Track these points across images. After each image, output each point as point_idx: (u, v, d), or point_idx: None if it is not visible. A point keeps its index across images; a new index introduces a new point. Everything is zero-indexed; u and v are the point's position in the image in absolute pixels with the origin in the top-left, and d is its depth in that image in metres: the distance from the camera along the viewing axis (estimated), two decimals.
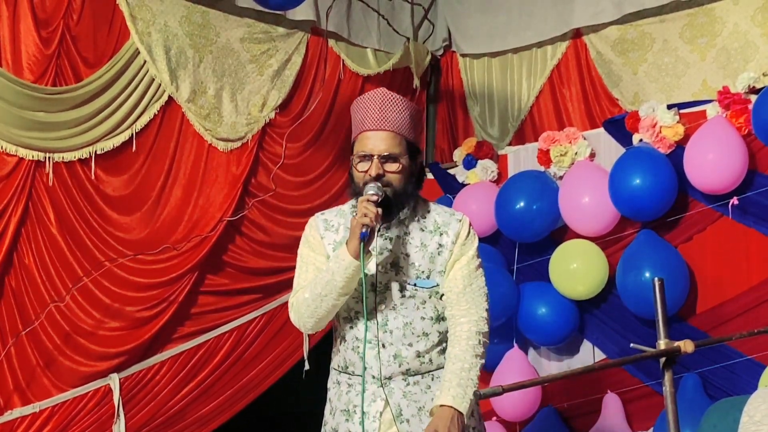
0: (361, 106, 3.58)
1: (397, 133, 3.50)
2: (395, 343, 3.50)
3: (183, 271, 5.54)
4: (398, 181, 3.50)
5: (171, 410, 5.57)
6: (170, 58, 5.51)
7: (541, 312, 5.81)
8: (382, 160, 3.48)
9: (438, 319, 3.57)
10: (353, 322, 3.57)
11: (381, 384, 3.50)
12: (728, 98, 5.34)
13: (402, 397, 3.49)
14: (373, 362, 3.51)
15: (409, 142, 3.54)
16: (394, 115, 3.51)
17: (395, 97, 3.58)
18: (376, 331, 3.51)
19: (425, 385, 3.53)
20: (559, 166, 5.98)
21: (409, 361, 3.50)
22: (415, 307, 3.53)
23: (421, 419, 3.47)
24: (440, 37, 7.12)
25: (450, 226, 3.60)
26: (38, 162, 5.04)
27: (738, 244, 5.43)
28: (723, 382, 5.25)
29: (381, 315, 3.53)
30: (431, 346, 3.54)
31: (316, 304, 3.51)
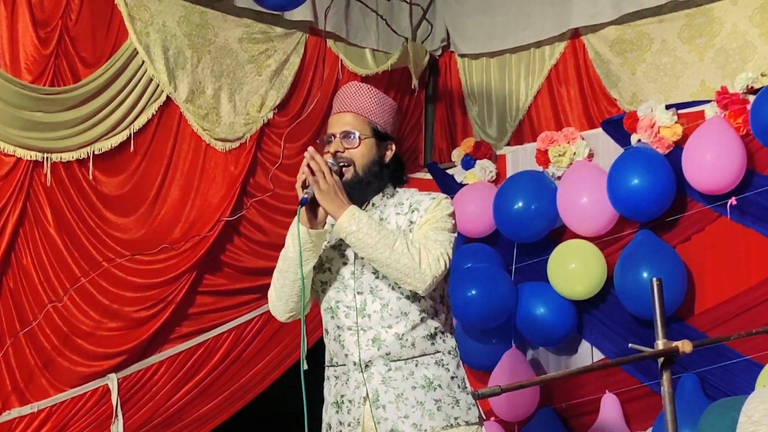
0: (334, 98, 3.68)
1: (359, 114, 3.55)
2: (374, 327, 3.47)
3: (181, 271, 5.53)
4: (360, 158, 3.52)
5: (169, 410, 5.57)
6: (168, 58, 5.51)
7: (539, 312, 5.81)
8: (341, 137, 3.53)
9: (416, 297, 3.49)
10: (334, 312, 3.56)
11: (361, 370, 3.48)
12: (726, 98, 5.34)
13: (381, 382, 3.45)
14: (353, 348, 3.49)
15: (376, 126, 3.57)
16: (359, 99, 3.58)
17: (365, 86, 3.64)
18: (355, 317, 3.50)
19: (408, 371, 3.46)
20: (558, 166, 5.98)
21: (389, 344, 3.45)
22: (390, 287, 3.48)
23: (398, 407, 3.43)
24: (438, 37, 7.11)
25: (422, 203, 3.56)
26: (36, 162, 5.04)
27: (736, 245, 5.43)
28: (721, 382, 5.25)
29: (359, 300, 3.51)
30: (412, 326, 3.47)
31: (280, 282, 3.56)
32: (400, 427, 3.41)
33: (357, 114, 3.56)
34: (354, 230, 3.33)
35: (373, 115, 3.58)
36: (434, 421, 3.42)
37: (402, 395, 3.44)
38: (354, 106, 3.57)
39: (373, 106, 3.59)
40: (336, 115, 3.58)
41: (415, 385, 3.46)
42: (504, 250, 6.17)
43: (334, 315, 3.55)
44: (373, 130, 3.56)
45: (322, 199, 3.36)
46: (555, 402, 5.98)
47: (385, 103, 3.63)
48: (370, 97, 3.60)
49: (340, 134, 3.53)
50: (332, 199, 3.36)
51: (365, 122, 3.55)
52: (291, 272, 3.50)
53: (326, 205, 3.37)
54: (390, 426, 3.42)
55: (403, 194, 3.63)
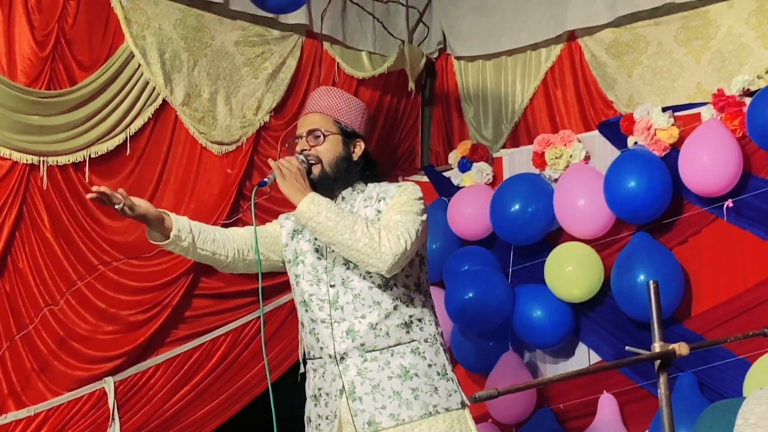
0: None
1: (324, 113, 3.66)
2: (347, 318, 3.49)
3: (177, 274, 5.53)
4: (326, 154, 3.61)
5: (166, 414, 5.56)
6: (165, 61, 5.51)
7: (536, 315, 5.81)
8: (307, 135, 3.63)
9: (388, 285, 3.51)
10: (308, 305, 3.57)
11: (337, 362, 3.48)
12: (723, 101, 5.34)
13: (356, 374, 3.46)
14: (328, 341, 3.50)
15: (341, 124, 3.66)
16: (325, 100, 3.69)
17: (333, 88, 3.80)
18: (329, 309, 3.52)
19: (384, 361, 3.47)
20: (554, 168, 5.98)
21: (363, 335, 3.46)
22: (361, 277, 3.50)
23: (375, 398, 3.43)
24: (435, 39, 7.11)
25: (389, 192, 3.59)
26: (32, 166, 5.04)
27: (733, 247, 5.43)
28: (718, 384, 5.25)
29: (332, 292, 3.53)
30: (385, 315, 3.48)
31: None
32: (377, 419, 3.42)
33: (322, 113, 3.66)
34: (313, 215, 3.40)
35: (338, 113, 3.67)
36: (412, 411, 3.43)
37: (378, 386, 3.46)
38: (319, 107, 3.68)
39: (338, 105, 3.68)
40: (303, 117, 3.70)
41: (391, 375, 3.47)
42: (501, 253, 6.17)
43: (308, 308, 3.58)
44: (339, 127, 3.65)
45: (283, 185, 3.50)
46: (552, 404, 5.98)
47: (351, 103, 3.73)
48: (336, 97, 3.71)
49: (306, 133, 3.64)
50: (293, 184, 3.49)
51: (330, 120, 3.65)
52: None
53: (287, 191, 3.50)
54: (367, 417, 3.43)
55: (373, 188, 3.67)
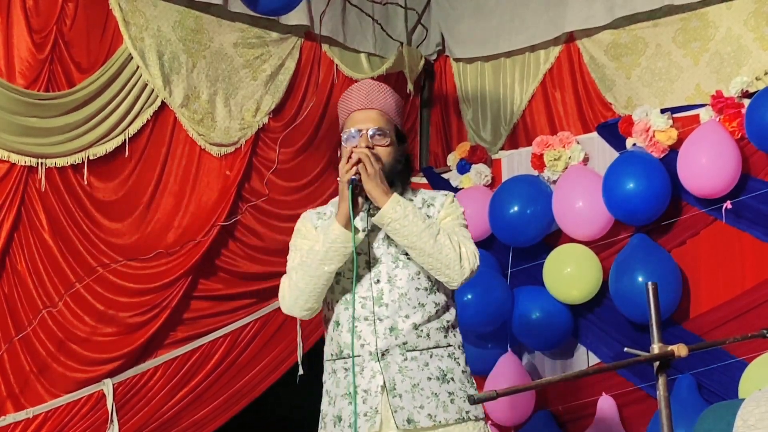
0: (349, 92, 3.68)
1: (384, 112, 3.59)
2: (391, 316, 3.48)
3: (176, 276, 5.53)
4: (387, 155, 3.55)
5: (165, 416, 5.56)
6: (163, 63, 5.51)
7: (535, 316, 5.81)
8: (370, 134, 3.55)
9: (433, 289, 3.55)
10: (349, 303, 3.54)
11: (378, 359, 3.48)
12: (721, 102, 5.35)
13: (397, 371, 3.46)
14: (370, 338, 3.49)
15: (396, 126, 3.63)
16: (380, 97, 3.62)
17: (381, 84, 3.71)
18: (372, 306, 3.50)
19: (423, 362, 3.49)
20: (553, 170, 5.98)
21: (406, 334, 3.48)
22: (409, 278, 3.52)
23: (414, 396, 3.44)
24: (434, 41, 7.11)
25: (436, 199, 3.66)
26: (30, 167, 5.03)
27: (731, 248, 5.43)
28: (717, 385, 5.25)
29: (376, 289, 3.52)
30: (428, 318, 3.51)
31: (298, 276, 3.53)
32: (415, 417, 3.44)
33: (382, 112, 3.60)
34: (399, 216, 3.39)
35: (395, 114, 3.64)
36: (448, 414, 3.47)
37: (418, 385, 3.47)
38: (379, 104, 3.61)
39: (394, 106, 3.65)
40: (361, 111, 3.59)
41: (430, 376, 3.50)
42: (499, 255, 6.17)
43: (349, 306, 3.54)
44: (395, 128, 3.63)
45: (368, 182, 3.40)
46: (551, 405, 5.98)
47: (401, 104, 3.71)
48: (390, 96, 3.66)
49: (368, 131, 3.55)
50: (377, 184, 3.41)
51: (390, 121, 3.61)
52: (312, 267, 3.49)
53: (372, 190, 3.41)
54: (406, 415, 3.43)
55: (411, 192, 3.69)
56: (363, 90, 3.64)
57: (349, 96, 3.67)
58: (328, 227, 3.46)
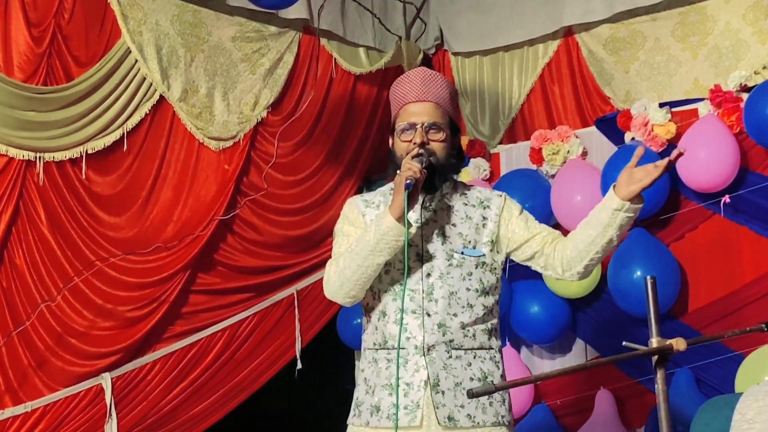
0: (403, 81, 3.65)
1: (439, 105, 3.57)
2: (440, 313, 3.48)
3: (174, 270, 5.52)
4: (442, 150, 3.56)
5: (163, 409, 5.56)
6: (162, 57, 5.50)
7: (533, 310, 5.81)
8: (426, 129, 3.53)
9: (483, 292, 3.56)
10: (397, 294, 3.53)
11: (423, 353, 3.47)
12: (720, 96, 5.35)
13: (442, 368, 3.46)
14: (417, 331, 3.47)
15: (450, 117, 3.62)
16: (436, 88, 3.59)
17: (436, 74, 3.67)
18: (421, 300, 3.50)
19: (467, 361, 3.50)
20: (552, 164, 5.98)
21: (453, 332, 3.48)
22: (461, 277, 3.52)
23: (456, 395, 3.44)
24: (432, 35, 7.11)
25: (492, 201, 3.70)
26: (29, 162, 5.03)
27: (730, 242, 5.44)
28: (716, 379, 5.26)
29: (426, 283, 3.51)
30: (475, 319, 3.52)
31: (346, 264, 3.50)
32: (455, 416, 3.44)
33: (438, 105, 3.58)
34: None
35: (449, 106, 3.62)
36: (486, 416, 3.49)
37: (460, 384, 3.48)
38: (434, 96, 3.59)
39: (449, 96, 3.63)
40: (417, 104, 3.57)
41: (473, 377, 3.51)
42: None
43: (397, 297, 3.53)
44: (450, 121, 3.61)
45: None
46: (549, 399, 5.98)
47: (455, 94, 3.69)
48: (444, 86, 3.63)
49: (423, 126, 3.54)
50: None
51: (445, 114, 3.59)
52: (361, 257, 3.46)
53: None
54: (447, 413, 3.44)
55: (460, 185, 3.72)
56: (417, 80, 3.61)
57: (403, 85, 3.64)
58: (381, 218, 3.44)
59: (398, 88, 3.65)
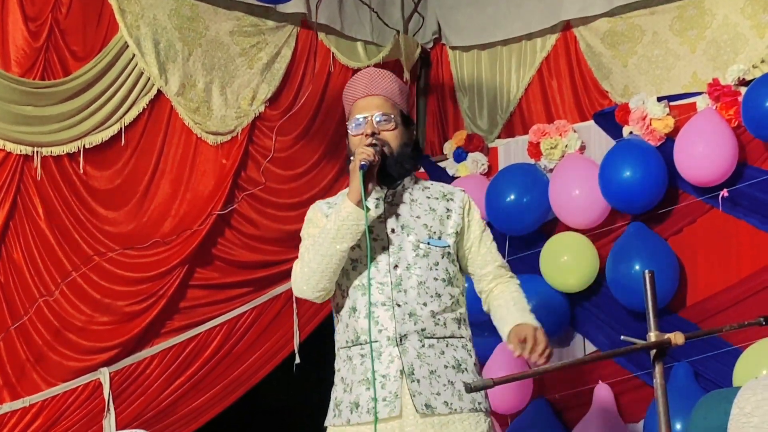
0: (352, 81, 3.76)
1: (387, 98, 3.65)
2: (410, 303, 3.51)
3: (172, 265, 5.52)
4: (394, 140, 3.62)
5: (161, 404, 5.56)
6: (159, 51, 5.50)
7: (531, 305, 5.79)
8: (376, 120, 3.61)
9: (450, 281, 3.60)
10: (366, 288, 3.55)
11: (396, 344, 3.48)
12: (718, 90, 5.35)
13: (416, 357, 3.48)
14: (388, 323, 3.50)
15: (400, 110, 3.69)
16: (383, 82, 3.68)
17: (384, 71, 3.78)
18: (390, 292, 3.52)
19: (440, 350, 3.53)
20: (550, 158, 5.98)
21: (424, 320, 3.51)
22: (428, 267, 3.56)
23: (431, 383, 3.46)
24: (430, 30, 7.10)
25: (456, 194, 3.74)
26: (26, 156, 5.02)
27: (728, 236, 5.44)
28: (714, 373, 5.26)
29: (394, 275, 3.54)
30: (444, 308, 3.56)
31: (311, 257, 3.54)
32: (432, 403, 3.46)
33: (386, 97, 3.66)
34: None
35: (398, 99, 3.70)
36: (463, 403, 3.51)
37: (435, 372, 3.50)
38: (382, 90, 3.67)
39: (397, 90, 3.70)
40: (365, 99, 3.65)
41: (446, 365, 3.54)
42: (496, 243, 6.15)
43: (366, 291, 3.55)
44: (400, 113, 3.68)
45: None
46: (548, 394, 5.99)
47: (404, 89, 3.77)
48: (392, 81, 3.72)
49: (374, 117, 3.62)
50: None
51: (394, 106, 3.67)
52: (324, 246, 3.51)
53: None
54: (424, 400, 3.45)
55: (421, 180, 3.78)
56: (365, 77, 3.71)
57: (352, 85, 3.73)
58: (341, 205, 3.50)
59: (348, 89, 3.75)
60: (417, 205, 3.66)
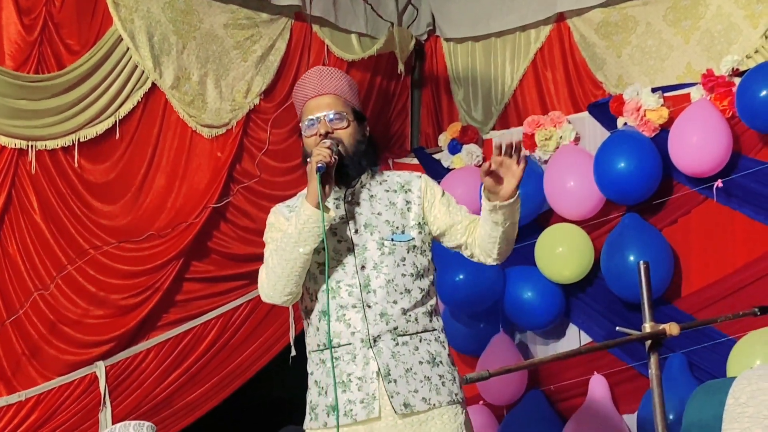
0: (301, 82, 3.75)
1: (338, 96, 3.64)
2: (380, 302, 3.50)
3: (168, 258, 5.52)
4: (348, 137, 3.61)
5: (158, 397, 5.56)
6: (153, 44, 5.49)
7: (527, 296, 5.82)
8: (328, 120, 3.60)
9: (418, 275, 3.58)
10: (335, 292, 3.54)
11: (370, 345, 3.48)
12: (712, 81, 5.35)
13: (390, 357, 3.47)
14: (360, 325, 3.49)
15: (352, 107, 3.68)
16: (332, 81, 3.67)
17: (332, 68, 3.79)
18: (359, 294, 3.51)
19: (413, 346, 3.51)
20: (544, 150, 5.98)
21: (396, 319, 3.49)
22: (395, 264, 3.54)
23: (408, 381, 3.46)
24: (424, 21, 7.09)
25: (413, 183, 3.70)
26: (21, 150, 5.02)
27: (722, 227, 5.45)
28: (708, 364, 5.27)
29: (362, 276, 3.53)
30: (415, 303, 3.54)
31: (275, 262, 3.52)
32: (410, 401, 3.46)
33: (336, 96, 3.65)
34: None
35: (349, 96, 3.69)
36: (441, 396, 3.51)
37: (410, 370, 3.50)
38: (332, 88, 3.65)
39: (347, 87, 3.70)
40: (316, 98, 3.64)
41: (421, 360, 3.53)
42: None
43: (336, 295, 3.54)
44: (352, 110, 3.67)
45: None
46: (543, 385, 5.99)
47: (354, 85, 3.76)
48: (343, 78, 3.72)
49: (326, 116, 3.60)
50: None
51: (346, 104, 3.65)
52: (287, 251, 3.49)
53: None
54: (402, 400, 3.45)
55: (378, 173, 3.74)
56: (314, 77, 3.69)
57: (302, 85, 3.72)
58: (300, 209, 3.48)
59: (298, 89, 3.74)
60: (377, 202, 3.64)
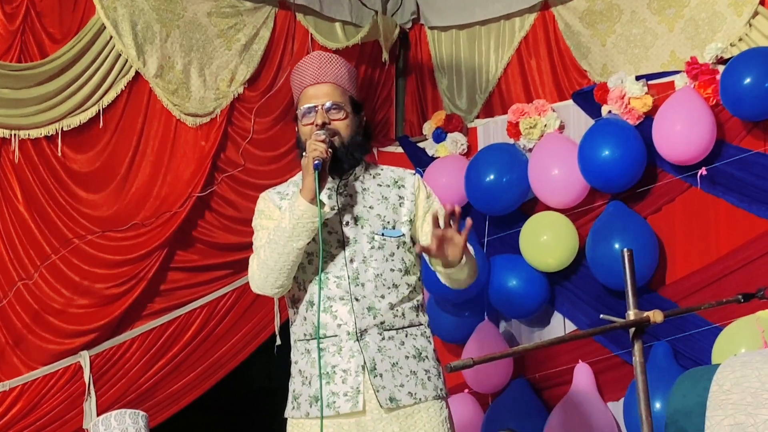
0: (300, 66, 3.69)
1: (337, 85, 3.59)
2: (368, 296, 3.50)
3: (152, 247, 5.51)
4: (345, 129, 3.57)
5: (142, 387, 5.56)
6: (137, 33, 5.47)
7: (511, 284, 5.82)
8: (326, 109, 3.55)
9: (406, 271, 3.59)
10: (323, 283, 3.53)
11: (357, 338, 3.48)
12: (696, 69, 5.36)
13: (377, 351, 3.48)
14: (347, 317, 3.49)
15: (350, 96, 3.63)
16: (333, 69, 3.61)
17: (331, 55, 3.70)
18: (348, 286, 3.51)
19: (399, 341, 3.52)
20: (529, 138, 5.98)
21: (383, 313, 3.50)
22: (384, 259, 3.54)
23: (394, 375, 3.47)
24: (408, 10, 7.08)
25: (406, 180, 3.68)
26: (3, 139, 5.01)
27: (706, 215, 5.46)
28: (693, 351, 5.28)
29: (351, 269, 3.53)
30: (402, 298, 3.55)
31: (267, 254, 3.51)
32: (396, 395, 3.46)
33: (336, 85, 3.59)
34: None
35: (348, 85, 3.63)
36: (426, 391, 3.52)
37: (397, 364, 3.50)
38: (332, 76, 3.60)
39: (345, 76, 3.64)
40: (315, 86, 3.59)
41: (407, 355, 3.54)
42: (475, 223, 6.15)
43: (324, 286, 3.54)
44: (350, 100, 3.62)
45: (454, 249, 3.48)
46: (528, 373, 6.01)
47: (353, 73, 3.70)
48: (341, 66, 3.65)
49: (324, 106, 3.56)
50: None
51: (344, 93, 3.60)
52: (280, 245, 3.48)
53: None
54: (388, 394, 3.46)
55: (372, 166, 3.72)
56: (314, 63, 3.63)
57: (300, 71, 3.67)
58: (294, 203, 3.45)
59: (296, 74, 3.68)
60: (369, 195, 3.63)
